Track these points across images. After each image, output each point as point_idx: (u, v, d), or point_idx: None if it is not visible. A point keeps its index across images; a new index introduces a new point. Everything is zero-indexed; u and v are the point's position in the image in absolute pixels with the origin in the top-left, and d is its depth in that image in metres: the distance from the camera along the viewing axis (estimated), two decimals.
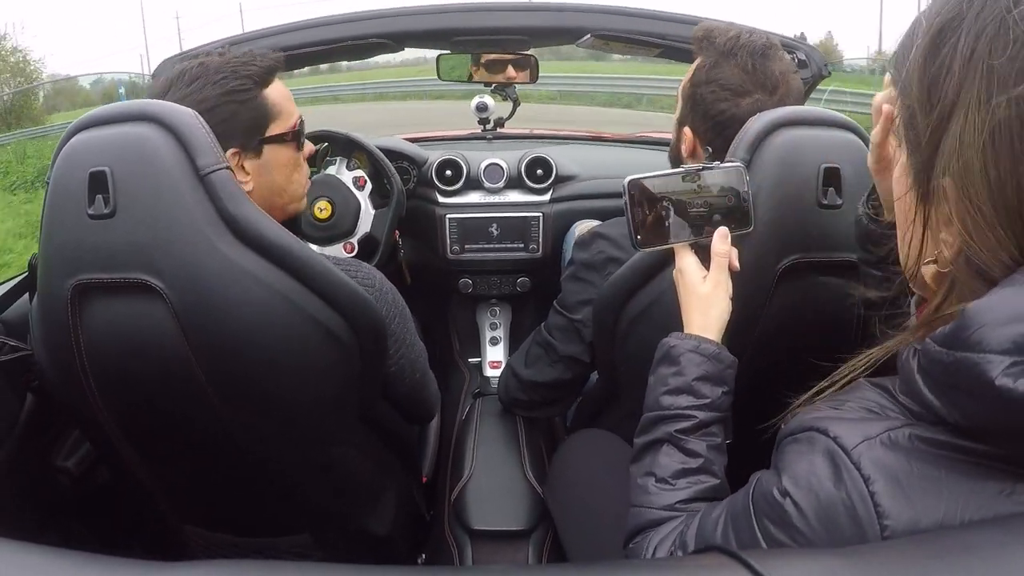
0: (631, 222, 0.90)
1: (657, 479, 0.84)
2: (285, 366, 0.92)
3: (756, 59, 1.08)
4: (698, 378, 0.85)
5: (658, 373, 0.90)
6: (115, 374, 0.91)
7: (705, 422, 0.84)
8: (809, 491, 0.58)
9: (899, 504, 0.53)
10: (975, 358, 0.48)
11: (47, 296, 0.90)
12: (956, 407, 0.52)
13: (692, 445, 0.84)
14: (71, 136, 0.88)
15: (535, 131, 2.57)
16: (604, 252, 1.21)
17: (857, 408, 0.62)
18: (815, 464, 0.59)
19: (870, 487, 0.54)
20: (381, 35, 1.60)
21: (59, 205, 0.86)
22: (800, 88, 1.12)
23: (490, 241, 2.05)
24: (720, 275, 0.89)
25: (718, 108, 1.09)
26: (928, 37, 0.55)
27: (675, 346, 0.88)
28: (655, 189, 0.90)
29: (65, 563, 0.43)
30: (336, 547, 1.22)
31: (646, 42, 1.55)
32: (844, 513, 0.55)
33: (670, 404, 0.86)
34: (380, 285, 1.08)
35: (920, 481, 0.53)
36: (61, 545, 0.45)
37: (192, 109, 0.92)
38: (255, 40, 1.57)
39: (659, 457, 0.85)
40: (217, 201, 0.84)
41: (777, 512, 0.61)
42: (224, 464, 1.04)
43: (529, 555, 1.54)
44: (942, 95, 0.53)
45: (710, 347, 0.86)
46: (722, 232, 0.90)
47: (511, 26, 1.60)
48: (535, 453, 1.84)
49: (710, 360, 0.86)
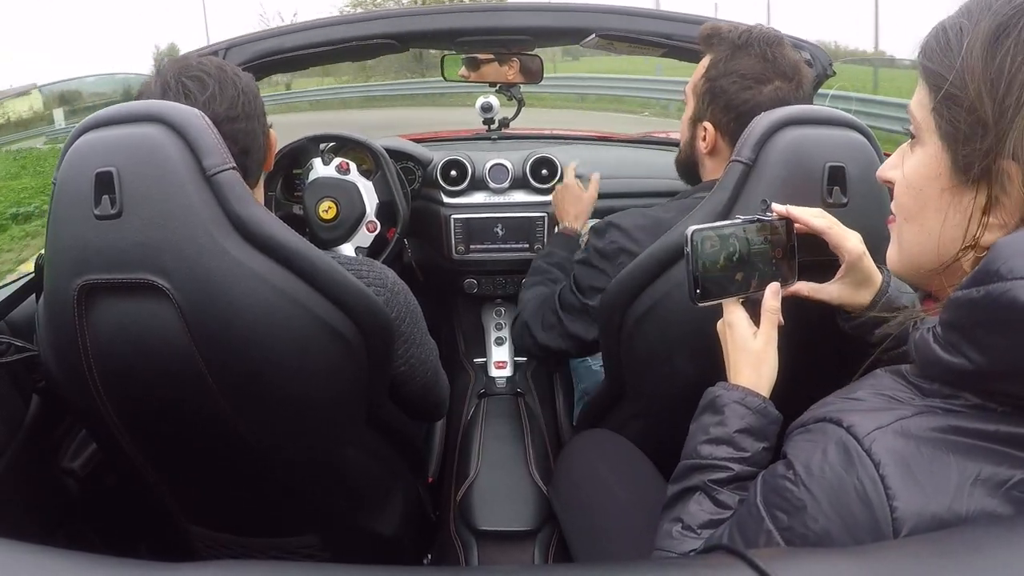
0: (691, 274, 0.86)
1: (684, 526, 0.83)
2: (292, 367, 0.92)
3: (772, 48, 1.10)
4: (740, 430, 0.84)
5: (700, 421, 0.88)
6: (121, 374, 0.90)
7: (741, 476, 0.83)
8: (822, 477, 0.60)
9: (909, 487, 0.54)
10: (1006, 285, 0.51)
11: (53, 296, 0.90)
12: (983, 350, 0.54)
13: (724, 497, 0.83)
14: (78, 136, 0.88)
15: (540, 131, 2.57)
16: (616, 242, 1.20)
17: (869, 395, 0.63)
18: (828, 452, 0.60)
19: (880, 471, 0.56)
20: (386, 36, 1.60)
21: (65, 205, 0.86)
22: (811, 76, 1.13)
23: (495, 241, 2.05)
24: (772, 331, 0.88)
25: (742, 97, 1.11)
26: (987, 34, 0.58)
27: (720, 396, 0.87)
28: (719, 240, 0.87)
29: (72, 565, 0.43)
30: (343, 548, 1.22)
31: (651, 42, 1.54)
32: (856, 497, 0.57)
33: (709, 454, 0.85)
34: (392, 285, 1.08)
35: (929, 464, 0.55)
36: (68, 546, 0.45)
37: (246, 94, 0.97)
38: (260, 41, 1.57)
39: (689, 505, 0.84)
40: (224, 202, 0.84)
41: (790, 502, 0.62)
42: (230, 465, 1.03)
43: (535, 555, 1.54)
44: (1009, 83, 0.56)
45: (756, 401, 0.85)
46: (774, 288, 0.88)
47: (515, 26, 1.60)
48: (540, 453, 1.84)
49: (755, 414, 0.85)
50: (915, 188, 0.67)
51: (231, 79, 1.00)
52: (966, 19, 0.61)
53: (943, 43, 0.62)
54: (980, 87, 0.58)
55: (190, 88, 0.97)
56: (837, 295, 0.92)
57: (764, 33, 1.11)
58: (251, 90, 1.02)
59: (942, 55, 0.62)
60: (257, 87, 1.07)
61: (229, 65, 1.04)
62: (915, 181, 0.66)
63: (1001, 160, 0.57)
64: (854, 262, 0.89)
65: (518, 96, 2.28)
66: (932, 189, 0.64)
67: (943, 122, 0.62)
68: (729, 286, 0.88)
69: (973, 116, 0.59)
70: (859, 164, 0.94)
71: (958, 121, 0.60)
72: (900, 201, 0.69)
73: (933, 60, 0.63)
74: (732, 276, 0.88)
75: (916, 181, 0.66)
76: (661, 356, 1.09)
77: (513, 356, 2.35)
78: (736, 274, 0.88)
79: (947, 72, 0.61)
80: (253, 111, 1.02)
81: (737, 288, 0.89)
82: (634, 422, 1.25)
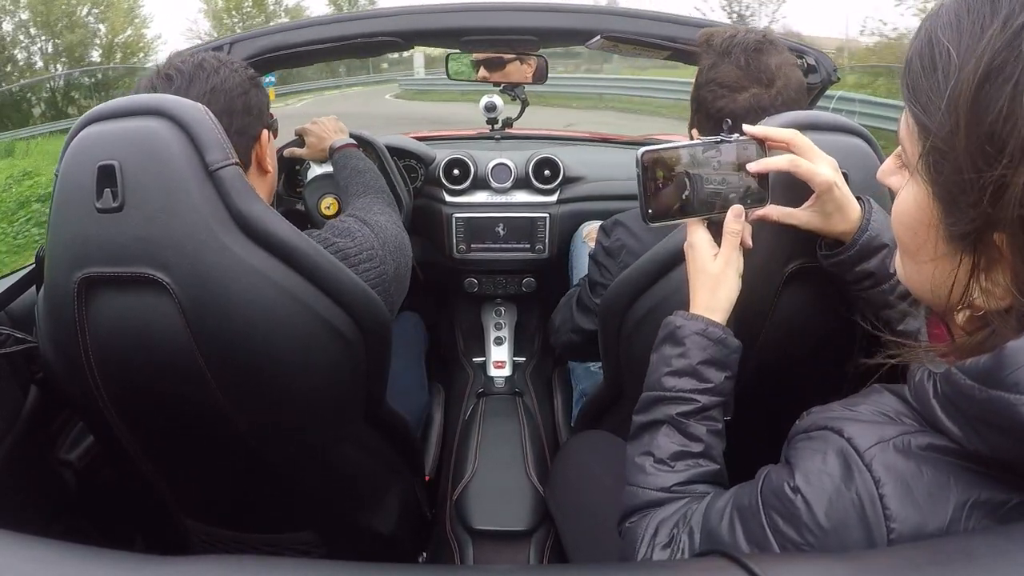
0: (643, 195, 0.87)
1: (656, 460, 0.83)
2: (291, 363, 0.92)
3: (749, 55, 1.10)
4: (703, 362, 0.84)
5: (661, 352, 0.88)
6: (120, 368, 0.90)
7: (707, 406, 0.84)
8: (820, 489, 0.59)
9: (907, 508, 0.54)
10: (1011, 399, 0.47)
11: (53, 289, 0.90)
12: (984, 440, 0.52)
13: (693, 429, 0.83)
14: (81, 129, 0.87)
15: (543, 131, 2.57)
16: (620, 240, 1.23)
17: (872, 412, 0.62)
18: (828, 463, 0.60)
19: (880, 489, 0.55)
20: (391, 33, 1.60)
21: (67, 198, 0.86)
22: (800, 80, 1.12)
23: (496, 241, 2.06)
24: (731, 253, 0.87)
25: (716, 106, 1.11)
26: (975, 82, 0.50)
27: (681, 327, 0.86)
28: (670, 162, 0.87)
29: (69, 557, 0.43)
30: (339, 544, 1.22)
31: (655, 44, 1.54)
32: (853, 513, 0.56)
33: (672, 386, 0.85)
34: (377, 240, 1.08)
35: (929, 487, 0.54)
36: (65, 538, 0.45)
37: (228, 95, 0.96)
38: (265, 36, 1.57)
39: (658, 438, 0.84)
40: (226, 197, 0.84)
41: (787, 508, 0.61)
42: (228, 460, 1.03)
43: (530, 555, 1.54)
44: (1003, 147, 0.49)
45: (716, 331, 0.85)
46: (736, 210, 0.87)
47: (521, 26, 1.60)
48: (538, 453, 1.84)
49: (716, 344, 0.85)
50: (908, 227, 0.61)
51: (210, 74, 1.01)
52: (954, 37, 0.53)
53: (928, 65, 0.55)
54: (969, 147, 0.51)
55: (159, 85, 0.99)
56: (807, 220, 0.89)
57: (747, 39, 1.11)
58: (235, 87, 1.02)
59: (928, 88, 0.54)
60: (256, 84, 1.07)
61: (216, 59, 1.04)
62: (907, 221, 0.61)
63: (992, 231, 0.52)
64: (823, 193, 0.86)
65: (522, 96, 2.28)
66: (925, 235, 0.59)
67: (932, 173, 0.56)
68: (684, 206, 0.88)
69: (960, 178, 0.52)
70: (861, 170, 0.94)
71: (948, 182, 0.54)
72: (897, 232, 0.64)
73: (918, 93, 0.56)
74: (687, 197, 0.88)
75: (908, 221, 0.61)
76: None
77: (512, 356, 2.35)
78: (692, 194, 0.88)
79: (932, 117, 0.54)
80: (233, 107, 1.01)
81: (696, 209, 0.88)
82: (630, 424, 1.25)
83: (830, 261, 0.90)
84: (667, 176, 0.87)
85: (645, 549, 0.77)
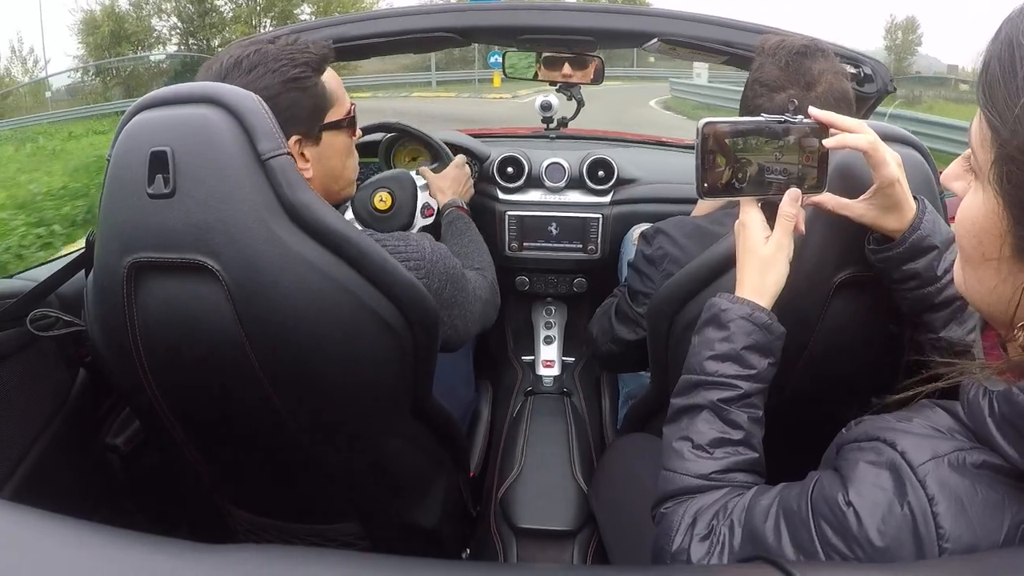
0: (700, 167, 0.85)
1: (694, 445, 0.82)
2: (338, 354, 0.92)
3: (791, 56, 1.11)
4: (747, 347, 0.82)
5: (704, 335, 0.86)
6: (167, 353, 0.92)
7: (749, 393, 0.82)
8: (872, 503, 0.58)
9: (960, 527, 0.53)
10: None
11: (103, 273, 0.91)
12: None
13: (734, 416, 0.81)
14: (134, 115, 0.88)
15: (597, 132, 2.55)
16: (663, 248, 1.22)
17: (924, 425, 0.61)
18: (881, 478, 0.59)
19: (933, 507, 0.54)
20: (449, 29, 1.61)
21: (119, 183, 0.87)
22: (844, 90, 1.11)
23: (549, 240, 2.05)
24: (784, 238, 0.85)
25: (755, 104, 1.12)
26: None
27: (726, 310, 0.84)
28: (730, 136, 0.85)
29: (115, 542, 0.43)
30: (383, 537, 1.23)
31: (712, 49, 1.52)
32: (905, 529, 0.55)
33: (715, 370, 0.83)
34: (431, 255, 1.08)
35: (982, 506, 0.53)
36: (109, 522, 0.46)
37: None
38: (325, 28, 1.60)
39: (698, 423, 0.82)
40: (277, 186, 0.85)
41: (838, 519, 0.60)
42: (273, 449, 1.04)
43: (574, 556, 1.54)
44: None
45: (762, 316, 0.83)
46: (793, 193, 0.85)
47: (579, 26, 1.60)
48: (584, 454, 1.83)
49: (761, 330, 0.83)
50: (973, 236, 0.59)
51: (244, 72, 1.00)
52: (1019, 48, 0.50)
53: (1008, 70, 0.52)
54: None
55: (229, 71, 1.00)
56: (862, 213, 0.87)
57: (792, 43, 1.12)
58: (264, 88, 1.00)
59: (1005, 94, 0.52)
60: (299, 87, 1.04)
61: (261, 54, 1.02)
62: (972, 228, 0.59)
63: None
64: (884, 187, 0.84)
65: (578, 96, 2.27)
66: (991, 246, 0.56)
67: (1004, 183, 0.53)
68: (739, 184, 0.86)
69: None
70: (915, 181, 0.92)
71: (1020, 193, 0.52)
72: (959, 239, 0.62)
73: (994, 98, 0.53)
74: (743, 175, 0.86)
75: (973, 229, 0.58)
76: None
77: (561, 356, 2.35)
78: (748, 172, 0.86)
79: (1007, 124, 0.52)
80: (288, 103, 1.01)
81: (751, 188, 0.87)
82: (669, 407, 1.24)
83: (878, 256, 0.88)
84: (725, 151, 0.85)
85: (681, 538, 0.76)
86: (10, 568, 0.39)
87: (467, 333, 1.20)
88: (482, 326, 1.26)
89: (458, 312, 1.15)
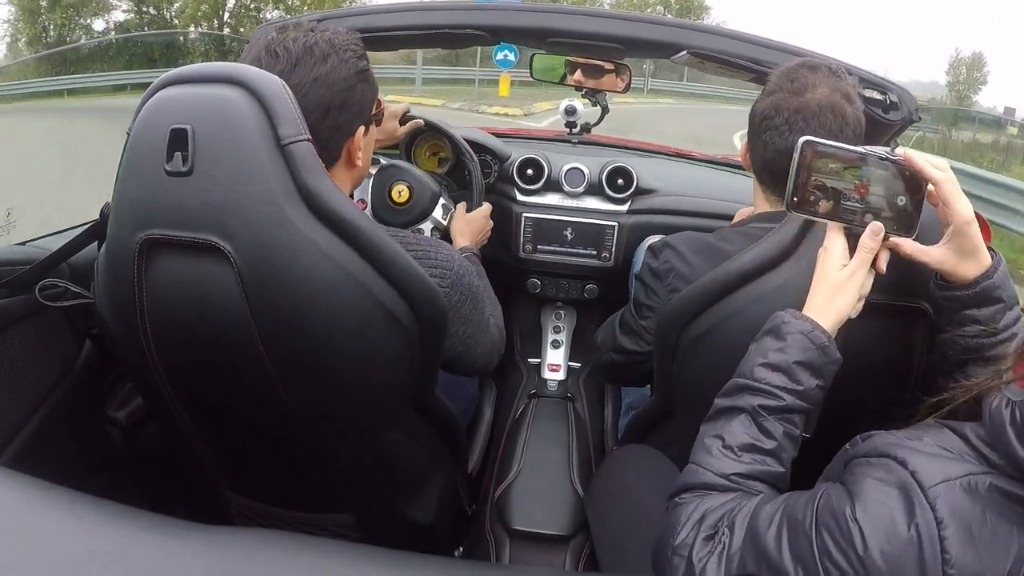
0: (793, 181, 0.86)
1: (724, 444, 0.82)
2: (344, 343, 0.92)
3: (794, 67, 1.13)
4: (799, 362, 0.83)
5: (761, 343, 0.87)
6: (173, 331, 0.91)
7: (791, 407, 0.82)
8: (879, 523, 0.58)
9: (967, 554, 0.53)
10: None
11: (115, 246, 0.91)
12: None
13: (770, 425, 0.82)
14: (157, 91, 0.88)
15: (620, 140, 2.55)
16: (669, 262, 1.22)
17: (934, 445, 0.61)
18: (889, 497, 0.58)
19: (941, 531, 0.54)
20: (479, 27, 1.60)
21: (137, 158, 0.87)
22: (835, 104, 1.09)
23: (563, 244, 2.05)
24: (860, 268, 0.85)
25: (755, 108, 1.15)
26: None
27: (788, 323, 0.85)
28: (829, 159, 0.86)
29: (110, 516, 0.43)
30: (376, 530, 1.23)
31: (740, 65, 1.51)
32: (910, 552, 0.55)
33: (763, 377, 0.84)
34: (458, 268, 1.09)
35: (992, 535, 0.53)
36: (106, 494, 0.46)
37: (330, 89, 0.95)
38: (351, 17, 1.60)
39: (733, 424, 0.83)
40: (295, 172, 0.84)
41: (843, 532, 0.60)
42: (273, 435, 1.04)
43: (566, 561, 1.54)
44: None
45: (821, 337, 0.83)
46: (876, 227, 0.86)
47: (608, 33, 1.59)
48: (584, 460, 1.83)
49: (817, 349, 0.83)
50: None
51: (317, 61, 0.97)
52: None
53: None
54: None
55: (265, 60, 0.97)
56: (942, 259, 0.87)
57: (813, 63, 1.12)
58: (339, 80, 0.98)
59: None
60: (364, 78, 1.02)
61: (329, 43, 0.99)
62: None
63: None
64: (960, 226, 0.84)
65: (603, 103, 2.27)
66: None
67: None
68: (827, 207, 0.87)
69: None
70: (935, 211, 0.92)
71: None
72: None
73: None
74: (835, 200, 0.87)
75: None
76: (714, 379, 1.08)
77: (568, 360, 2.35)
78: (839, 199, 0.87)
79: None
80: (332, 102, 0.98)
81: (838, 214, 0.87)
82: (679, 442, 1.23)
83: (944, 293, 0.88)
84: (822, 172, 0.86)
85: (687, 533, 0.76)
86: None
87: (476, 357, 1.20)
88: (486, 362, 1.26)
89: (473, 332, 1.15)
